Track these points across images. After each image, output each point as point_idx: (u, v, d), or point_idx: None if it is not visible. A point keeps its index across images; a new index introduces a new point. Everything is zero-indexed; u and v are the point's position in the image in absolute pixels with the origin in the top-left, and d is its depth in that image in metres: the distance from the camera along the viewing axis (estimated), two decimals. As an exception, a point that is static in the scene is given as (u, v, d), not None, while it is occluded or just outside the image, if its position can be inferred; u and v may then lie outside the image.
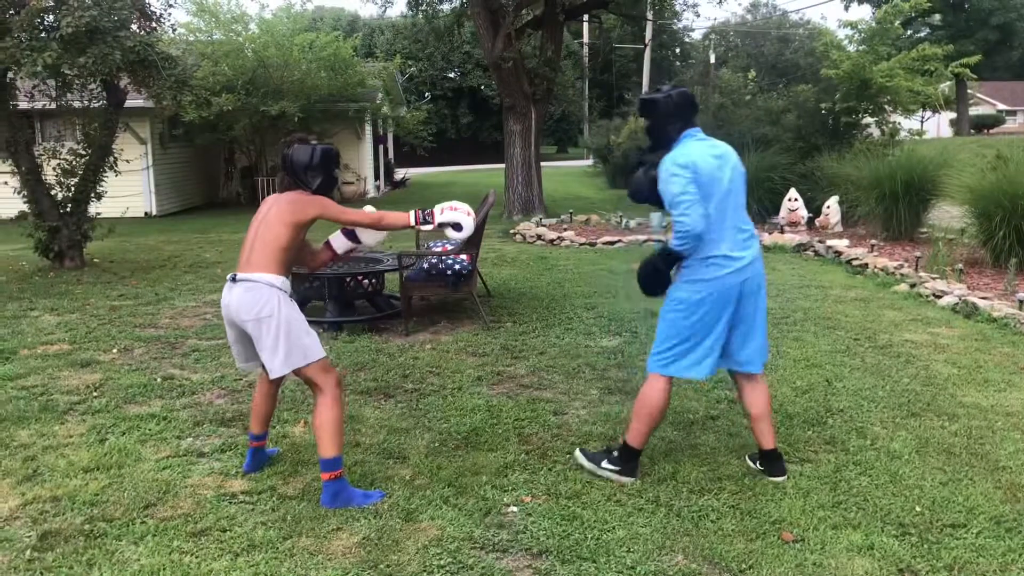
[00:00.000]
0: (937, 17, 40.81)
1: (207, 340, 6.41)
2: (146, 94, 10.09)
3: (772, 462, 3.85)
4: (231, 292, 3.58)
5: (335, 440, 3.55)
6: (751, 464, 3.95)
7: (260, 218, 3.68)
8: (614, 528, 3.37)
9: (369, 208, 3.93)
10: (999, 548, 3.20)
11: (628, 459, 3.83)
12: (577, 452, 4.00)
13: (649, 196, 3.79)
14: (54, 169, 9.90)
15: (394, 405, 4.90)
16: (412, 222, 3.71)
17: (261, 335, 3.51)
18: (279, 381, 3.82)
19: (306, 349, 3.55)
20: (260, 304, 3.49)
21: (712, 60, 28.52)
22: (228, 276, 3.63)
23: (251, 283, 3.53)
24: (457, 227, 3.83)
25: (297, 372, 3.57)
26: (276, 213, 3.61)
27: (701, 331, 3.66)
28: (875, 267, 9.03)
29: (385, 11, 42.15)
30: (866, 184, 11.11)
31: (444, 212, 3.75)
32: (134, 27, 9.34)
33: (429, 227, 3.76)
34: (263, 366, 3.65)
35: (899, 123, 14.67)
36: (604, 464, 3.85)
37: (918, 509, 3.51)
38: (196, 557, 3.16)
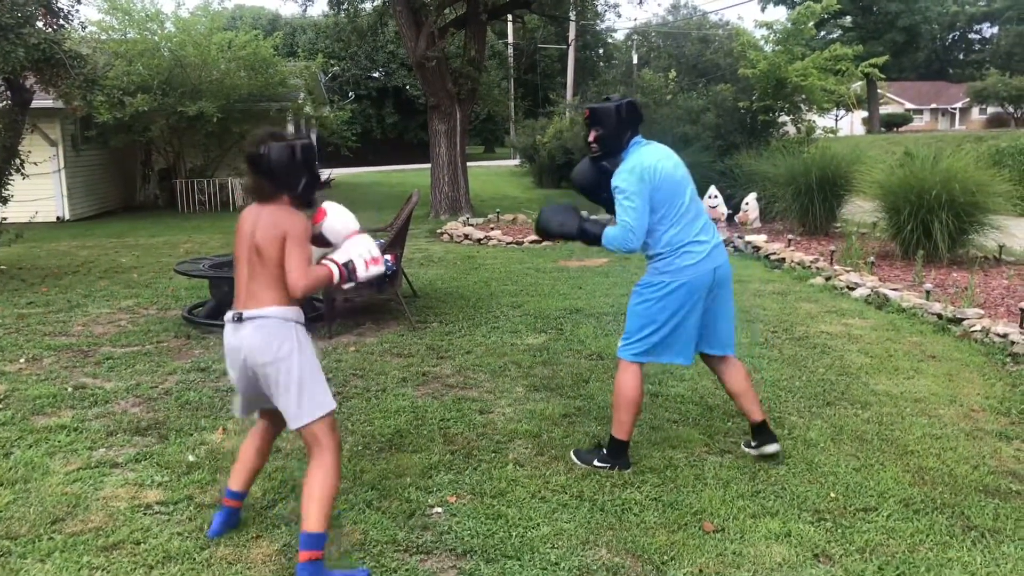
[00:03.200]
0: (848, 19, 42.23)
1: (122, 347, 6.20)
2: (54, 94, 9.72)
3: (763, 433, 3.95)
4: (238, 333, 3.08)
5: (326, 513, 2.99)
6: (747, 450, 4.04)
7: (246, 240, 3.10)
8: (538, 525, 3.38)
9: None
10: (908, 529, 3.31)
11: (618, 452, 3.89)
12: (571, 454, 4.04)
13: (591, 187, 3.95)
14: (-44, 172, 9.47)
15: (317, 409, 4.81)
16: (336, 280, 3.11)
17: (280, 379, 3.01)
18: (274, 435, 3.41)
19: (321, 399, 3.08)
20: (277, 343, 3.01)
21: (635, 60, 28.89)
22: (229, 315, 3.14)
23: (262, 319, 3.03)
24: (372, 279, 3.30)
25: (303, 427, 3.06)
26: (264, 233, 3.02)
27: (679, 319, 3.75)
28: (792, 261, 9.28)
29: (306, 10, 41.55)
30: (783, 180, 11.41)
31: (368, 267, 3.18)
32: (39, 24, 9.00)
33: (352, 284, 3.23)
34: (264, 416, 3.33)
35: (814, 121, 15.11)
36: (596, 462, 3.91)
37: (832, 495, 3.61)
38: (108, 572, 3.05)
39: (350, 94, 37.12)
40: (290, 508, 3.52)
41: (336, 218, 3.23)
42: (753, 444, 4.00)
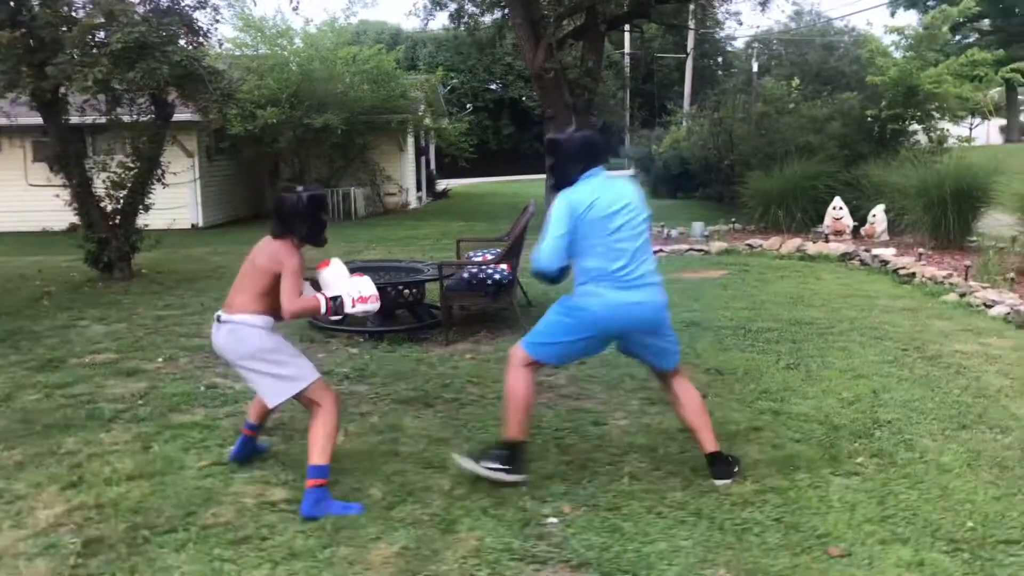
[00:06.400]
0: (986, 22, 40.03)
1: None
2: (193, 108, 10.27)
3: (714, 463, 3.87)
4: (217, 333, 3.77)
5: (327, 450, 3.64)
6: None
7: (250, 260, 3.79)
8: (655, 540, 3.32)
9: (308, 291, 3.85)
10: (1056, 566, 3.09)
11: (513, 455, 3.83)
12: (458, 458, 3.96)
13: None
14: (104, 182, 10.11)
15: (434, 415, 4.90)
16: (322, 311, 3.68)
17: (250, 375, 3.74)
18: None
19: (295, 378, 3.67)
20: (242, 346, 3.68)
21: (755, 69, 28.22)
22: (215, 315, 3.80)
23: (233, 325, 3.70)
24: (366, 313, 3.85)
25: (296, 398, 3.69)
26: (263, 261, 3.70)
27: (583, 343, 3.82)
28: (923, 276, 8.84)
29: (427, 24, 42.39)
30: (913, 192, 10.90)
31: (356, 305, 3.72)
32: (182, 42, 9.53)
33: (338, 317, 3.78)
34: None
35: (947, 130, 14.38)
36: (490, 465, 3.82)
37: (970, 524, 3.41)
38: (236, 565, 3.18)
39: (468, 106, 37.68)
40: (408, 510, 3.59)
41: (330, 272, 3.80)
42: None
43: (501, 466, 3.80)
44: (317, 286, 3.87)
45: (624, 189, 3.87)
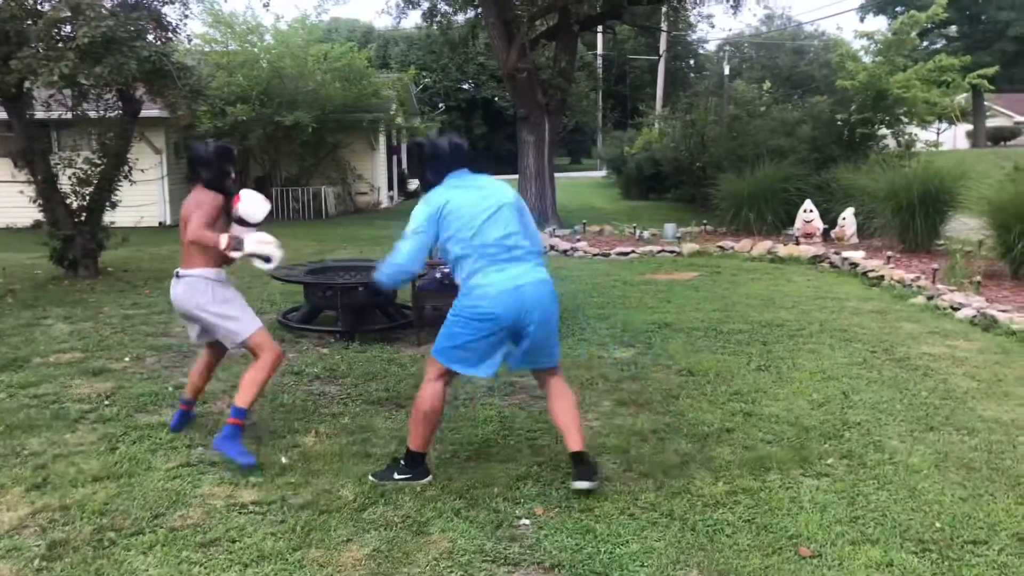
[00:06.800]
0: (953, 28, 40.63)
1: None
2: (161, 104, 10.13)
3: (578, 464, 3.80)
4: (175, 287, 4.22)
5: (254, 395, 4.08)
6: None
7: (182, 216, 4.21)
8: (628, 542, 3.32)
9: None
10: (1022, 565, 3.13)
11: (416, 463, 3.87)
12: (370, 476, 3.93)
13: None
14: (70, 178, 9.95)
15: (405, 416, 4.84)
16: (222, 246, 4.00)
17: (205, 321, 4.18)
18: (216, 360, 4.53)
19: (242, 324, 4.14)
20: (196, 296, 4.13)
21: (727, 71, 28.45)
22: (175, 272, 4.24)
23: (189, 279, 4.16)
24: (266, 259, 4.13)
25: (243, 343, 4.15)
26: (186, 208, 4.17)
27: (476, 344, 3.77)
28: (891, 279, 8.95)
29: (400, 22, 42.15)
30: (882, 195, 11.04)
31: (254, 244, 4.05)
32: (150, 37, 9.37)
33: (238, 254, 4.07)
34: (212, 342, 4.36)
35: (915, 134, 14.58)
36: (396, 475, 3.87)
37: (938, 525, 3.44)
38: (205, 568, 3.13)
39: (440, 105, 37.63)
40: (379, 512, 3.57)
41: (248, 202, 4.15)
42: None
43: (404, 476, 3.86)
44: (241, 223, 4.19)
45: (489, 184, 3.93)
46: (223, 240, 4.00)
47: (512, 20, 14.91)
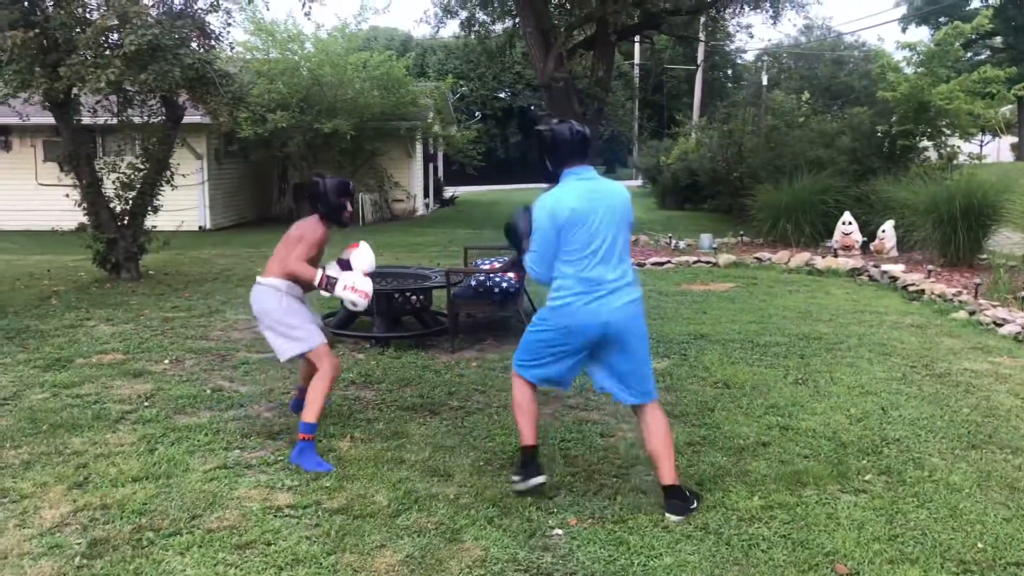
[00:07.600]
0: (999, 40, 39.96)
1: (257, 353, 6.46)
2: (203, 110, 10.28)
3: (672, 495, 3.67)
4: (252, 291, 4.50)
5: (319, 407, 4.23)
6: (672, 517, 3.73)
7: (286, 234, 4.51)
8: (661, 555, 3.30)
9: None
10: (1067, 589, 3.06)
11: (524, 462, 3.85)
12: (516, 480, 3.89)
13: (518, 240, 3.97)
14: (113, 183, 10.13)
15: (439, 422, 4.88)
16: (316, 283, 4.36)
17: (264, 327, 4.43)
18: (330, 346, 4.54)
19: (296, 343, 4.31)
20: (263, 303, 4.38)
21: (764, 82, 28.25)
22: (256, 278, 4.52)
23: (260, 286, 4.42)
24: (352, 304, 4.44)
25: (302, 355, 4.33)
26: (290, 232, 4.47)
27: (555, 355, 3.76)
28: (932, 293, 8.80)
29: (438, 31, 42.52)
30: (923, 208, 10.87)
31: (346, 290, 4.35)
32: (194, 45, 9.54)
33: (327, 294, 4.41)
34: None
35: (958, 147, 14.34)
36: (514, 478, 3.85)
37: (980, 546, 3.38)
38: (240, 570, 3.17)
39: (477, 114, 37.77)
40: (413, 519, 3.58)
41: (356, 254, 4.53)
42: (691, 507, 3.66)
43: (516, 476, 3.83)
44: (347, 267, 4.49)
45: (606, 184, 3.80)
46: (318, 277, 4.34)
47: (550, 30, 14.94)
